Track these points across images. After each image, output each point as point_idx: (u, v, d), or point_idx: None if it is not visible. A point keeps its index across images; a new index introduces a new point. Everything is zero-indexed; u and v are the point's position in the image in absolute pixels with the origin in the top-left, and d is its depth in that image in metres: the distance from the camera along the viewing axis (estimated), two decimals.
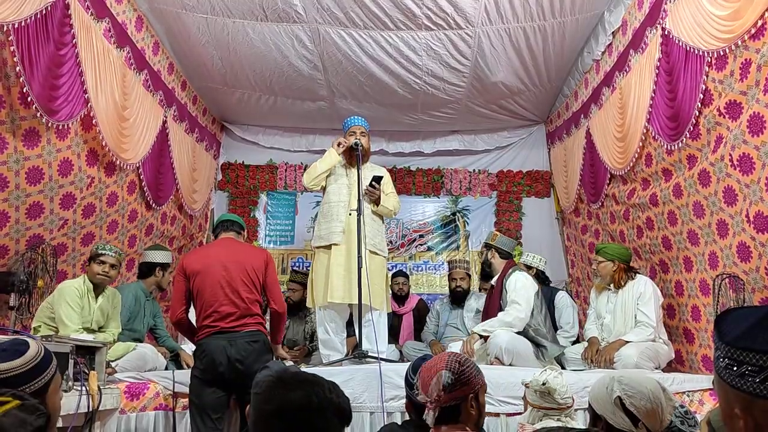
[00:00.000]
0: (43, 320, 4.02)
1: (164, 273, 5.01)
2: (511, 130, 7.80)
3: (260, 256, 3.82)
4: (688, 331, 4.60)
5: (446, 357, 2.25)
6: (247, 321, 3.60)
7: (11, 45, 3.38)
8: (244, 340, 3.54)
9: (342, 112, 6.73)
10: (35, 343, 1.94)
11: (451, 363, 2.20)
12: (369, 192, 4.92)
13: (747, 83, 3.45)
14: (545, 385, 2.95)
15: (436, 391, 2.13)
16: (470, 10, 5.10)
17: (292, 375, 1.63)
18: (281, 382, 1.59)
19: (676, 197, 4.48)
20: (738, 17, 3.35)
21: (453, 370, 2.17)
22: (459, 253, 7.71)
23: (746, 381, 1.15)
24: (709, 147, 3.95)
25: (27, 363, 1.85)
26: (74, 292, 4.03)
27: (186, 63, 6.04)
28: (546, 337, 4.67)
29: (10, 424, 1.45)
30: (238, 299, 3.61)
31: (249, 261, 3.72)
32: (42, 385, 1.86)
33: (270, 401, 1.55)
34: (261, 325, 3.67)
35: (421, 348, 5.66)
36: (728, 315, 1.25)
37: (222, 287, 3.61)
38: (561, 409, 2.96)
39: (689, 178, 4.24)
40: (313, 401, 1.55)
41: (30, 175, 3.95)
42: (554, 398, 2.95)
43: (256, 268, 3.72)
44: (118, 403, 3.61)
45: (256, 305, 3.67)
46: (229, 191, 7.82)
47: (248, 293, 3.64)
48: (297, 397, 1.54)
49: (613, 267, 4.72)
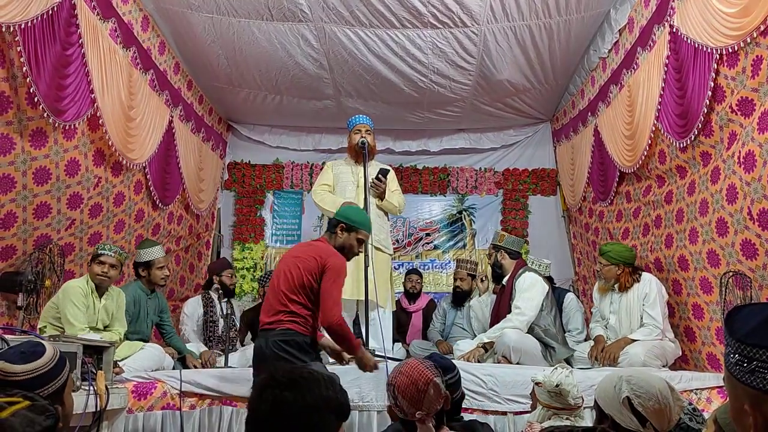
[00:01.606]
0: (49, 320, 4.02)
1: (149, 271, 4.76)
2: (517, 128, 7.79)
3: (316, 260, 3.43)
4: (689, 329, 4.58)
5: (422, 366, 2.23)
6: (281, 318, 3.37)
7: (18, 45, 3.39)
8: (274, 339, 3.33)
9: (348, 110, 6.72)
10: (50, 346, 1.95)
11: (433, 369, 2.23)
12: (374, 185, 4.91)
13: (758, 80, 3.43)
14: (558, 386, 2.94)
15: (438, 401, 2.14)
16: (476, 8, 5.09)
17: (286, 374, 1.63)
18: (274, 381, 1.59)
19: (689, 195, 4.46)
20: (747, 14, 3.33)
21: (440, 375, 2.21)
22: (466, 251, 7.71)
23: (756, 377, 1.15)
24: (722, 144, 3.92)
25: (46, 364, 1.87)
26: (79, 292, 4.03)
27: (192, 63, 6.05)
28: (555, 338, 4.64)
29: (19, 424, 1.46)
30: (280, 297, 3.41)
31: (304, 262, 3.44)
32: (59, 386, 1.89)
33: (263, 401, 1.55)
34: (296, 324, 3.37)
35: (428, 347, 5.65)
36: (739, 312, 1.25)
37: (272, 285, 3.50)
38: (572, 409, 2.95)
39: (704, 175, 4.21)
40: (306, 400, 1.55)
41: (37, 175, 3.96)
42: (566, 399, 2.94)
43: (308, 270, 3.41)
44: (126, 402, 3.61)
45: (297, 306, 3.40)
46: (235, 191, 7.83)
47: (291, 294, 3.39)
48: (289, 396, 1.55)
49: (618, 270, 4.68)
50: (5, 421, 1.45)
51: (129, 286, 4.77)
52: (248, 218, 7.75)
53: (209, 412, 3.90)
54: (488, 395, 3.89)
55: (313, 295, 3.41)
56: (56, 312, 4.01)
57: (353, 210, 3.82)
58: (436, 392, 2.14)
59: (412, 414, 2.16)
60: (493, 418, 3.84)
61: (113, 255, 4.17)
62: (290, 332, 3.35)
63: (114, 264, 4.17)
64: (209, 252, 7.35)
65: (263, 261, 7.62)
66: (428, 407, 2.13)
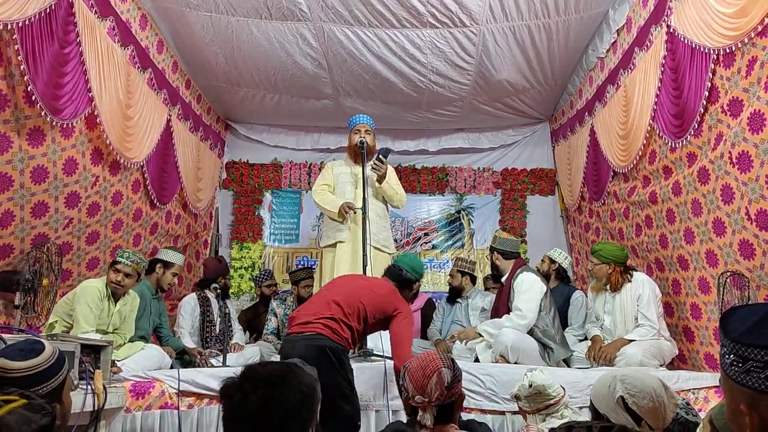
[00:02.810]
0: (61, 315, 4.06)
1: (165, 271, 4.92)
2: (515, 128, 7.80)
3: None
4: (688, 329, 4.58)
5: (437, 356, 2.25)
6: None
7: (15, 44, 3.38)
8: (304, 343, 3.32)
9: (347, 110, 6.73)
10: (50, 344, 1.96)
11: (447, 360, 2.21)
12: (375, 167, 4.90)
13: (750, 80, 3.43)
14: (533, 386, 2.99)
15: (438, 390, 2.14)
16: (475, 8, 5.09)
17: (254, 374, 1.63)
18: (258, 380, 1.60)
19: (675, 195, 4.46)
20: (745, 14, 3.33)
21: (451, 367, 2.19)
22: (464, 251, 7.71)
23: (752, 377, 1.16)
24: (709, 145, 3.94)
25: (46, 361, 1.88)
26: (96, 294, 4.06)
27: (190, 61, 6.05)
28: (554, 339, 4.64)
29: (15, 422, 1.46)
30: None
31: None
32: (58, 384, 1.89)
33: (248, 401, 1.56)
34: (329, 329, 3.36)
35: (427, 346, 5.65)
36: (734, 312, 1.26)
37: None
38: (557, 402, 2.98)
39: (689, 176, 4.23)
40: (295, 395, 1.57)
41: (35, 174, 3.96)
42: (547, 394, 2.97)
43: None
44: (124, 401, 3.62)
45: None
46: (233, 190, 7.84)
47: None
48: (278, 394, 1.56)
49: (609, 269, 4.67)
50: (1, 419, 1.45)
51: (136, 285, 4.84)
52: (246, 217, 7.75)
53: (207, 411, 3.89)
54: (486, 395, 3.89)
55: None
56: (69, 309, 4.05)
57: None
58: (438, 381, 2.15)
59: (413, 399, 2.19)
60: (491, 417, 3.84)
61: (130, 264, 4.17)
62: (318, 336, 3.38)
63: (129, 273, 4.18)
64: (207, 251, 7.35)
65: (261, 260, 7.63)
66: (430, 395, 2.14)
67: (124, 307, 4.26)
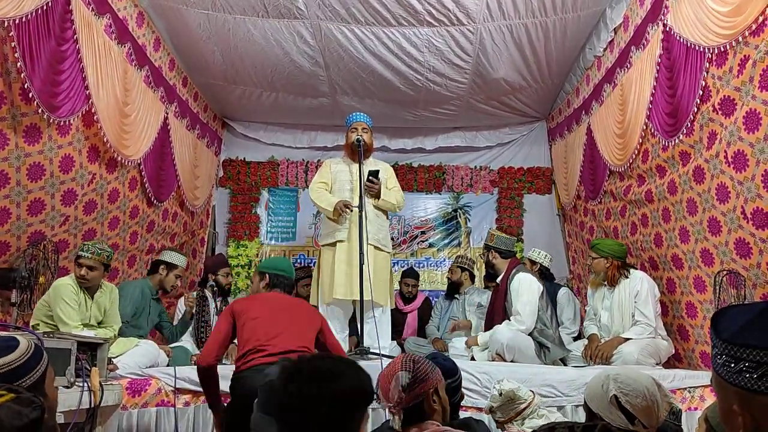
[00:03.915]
0: (41, 318, 3.99)
1: (168, 272, 4.98)
2: (512, 126, 7.79)
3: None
4: (683, 327, 4.60)
5: (400, 359, 2.27)
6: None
7: (12, 41, 3.38)
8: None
9: (344, 108, 6.73)
10: (24, 339, 1.95)
11: (406, 363, 2.22)
12: (368, 187, 4.90)
13: (742, 79, 3.44)
14: (503, 394, 3.08)
15: (397, 393, 2.15)
16: (472, 6, 5.08)
17: (313, 365, 1.62)
18: (301, 373, 1.58)
19: (670, 194, 4.47)
20: (739, 13, 3.34)
21: (409, 369, 2.20)
22: (461, 249, 7.71)
23: (744, 377, 1.16)
24: (702, 143, 3.95)
25: (20, 357, 1.86)
26: (69, 290, 3.99)
27: (187, 59, 6.04)
28: (551, 338, 4.66)
29: (5, 415, 1.46)
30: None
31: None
32: (38, 378, 1.88)
33: (290, 394, 1.55)
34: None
35: (423, 344, 5.66)
36: (725, 312, 1.25)
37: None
38: (529, 405, 3.05)
39: (684, 174, 4.23)
40: (335, 392, 1.56)
41: (31, 171, 3.95)
42: (518, 398, 3.05)
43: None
44: (120, 399, 3.61)
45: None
46: (230, 188, 7.82)
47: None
48: (318, 389, 1.55)
49: (607, 264, 4.70)
50: None
51: (136, 282, 4.95)
52: (243, 215, 7.73)
53: (204, 409, 3.89)
54: (483, 393, 3.90)
55: None
56: (48, 310, 3.99)
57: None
58: (395, 385, 2.16)
59: (383, 403, 2.22)
60: (487, 416, 3.85)
61: (91, 257, 4.05)
62: None
63: (92, 266, 4.06)
64: (204, 249, 7.34)
65: (258, 258, 7.61)
66: (392, 398, 2.16)
67: (101, 298, 4.19)
